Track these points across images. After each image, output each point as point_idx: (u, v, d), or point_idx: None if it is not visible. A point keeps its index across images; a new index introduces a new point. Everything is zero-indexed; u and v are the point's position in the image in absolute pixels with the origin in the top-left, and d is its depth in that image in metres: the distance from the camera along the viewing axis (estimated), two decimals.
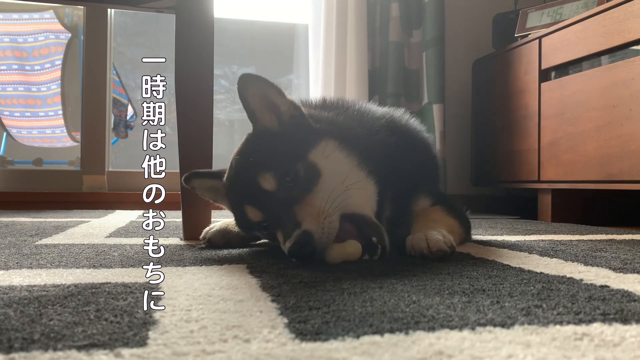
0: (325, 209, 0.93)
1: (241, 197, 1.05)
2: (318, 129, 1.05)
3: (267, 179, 0.98)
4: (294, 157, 0.99)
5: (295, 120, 1.05)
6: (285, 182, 0.97)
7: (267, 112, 1.05)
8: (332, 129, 1.07)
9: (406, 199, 1.20)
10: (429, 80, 2.83)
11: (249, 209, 1.03)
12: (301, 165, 0.98)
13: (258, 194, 0.99)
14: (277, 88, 1.04)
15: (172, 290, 0.75)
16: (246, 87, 1.02)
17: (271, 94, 1.04)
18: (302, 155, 1.00)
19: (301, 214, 0.93)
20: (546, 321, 0.60)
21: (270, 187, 0.98)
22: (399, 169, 1.14)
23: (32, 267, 0.94)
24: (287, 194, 0.96)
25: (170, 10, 1.57)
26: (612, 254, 1.15)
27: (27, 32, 2.95)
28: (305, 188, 0.97)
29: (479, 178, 2.95)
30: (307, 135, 1.03)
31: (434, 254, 1.02)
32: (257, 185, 0.98)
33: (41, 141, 3.14)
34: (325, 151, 1.02)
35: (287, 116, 1.05)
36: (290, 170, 0.97)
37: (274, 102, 1.04)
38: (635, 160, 1.88)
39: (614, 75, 1.98)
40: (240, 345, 0.51)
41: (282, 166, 0.98)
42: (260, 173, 0.98)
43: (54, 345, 0.50)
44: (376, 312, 0.63)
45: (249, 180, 1.00)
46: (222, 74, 3.83)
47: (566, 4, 2.47)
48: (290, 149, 1.01)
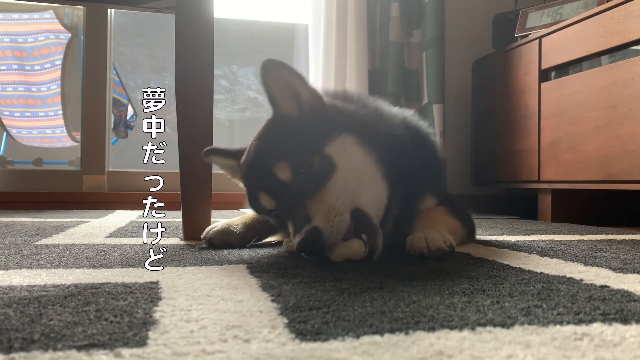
0: (337, 206, 0.93)
1: (256, 183, 1.06)
2: (338, 122, 1.05)
3: (282, 169, 0.98)
4: (311, 149, 0.99)
5: (315, 110, 1.04)
6: (300, 174, 0.97)
7: (288, 99, 1.05)
8: (352, 123, 1.06)
9: (414, 198, 1.20)
10: (429, 80, 2.83)
11: (263, 196, 1.04)
12: (317, 158, 0.98)
13: (272, 183, 1.00)
14: (300, 75, 1.04)
15: (172, 290, 0.75)
16: (268, 73, 1.02)
17: (293, 81, 1.03)
18: (319, 147, 1.00)
19: (312, 209, 0.93)
20: (546, 321, 0.60)
21: (285, 177, 0.98)
22: (410, 168, 1.14)
23: (32, 267, 0.94)
24: (300, 186, 0.97)
25: (170, 10, 1.57)
26: (612, 254, 1.15)
27: (27, 32, 2.95)
28: (319, 181, 0.97)
29: (479, 178, 2.95)
30: (326, 127, 1.03)
31: (433, 253, 1.02)
32: (272, 174, 0.99)
33: (41, 141, 3.14)
34: (343, 145, 1.01)
35: (307, 105, 1.04)
36: (306, 162, 0.97)
37: (296, 90, 1.04)
38: (635, 160, 1.88)
39: (614, 75, 1.98)
40: (240, 345, 0.51)
41: (298, 157, 0.98)
42: (276, 162, 0.99)
43: (54, 345, 0.50)
44: (376, 312, 0.63)
45: (265, 168, 1.00)
46: (222, 74, 3.83)
47: (566, 4, 2.47)
48: (308, 140, 1.01)
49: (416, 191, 1.20)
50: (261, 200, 1.05)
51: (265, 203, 1.04)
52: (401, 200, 1.12)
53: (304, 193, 0.96)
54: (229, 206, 2.81)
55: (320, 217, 0.92)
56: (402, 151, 1.12)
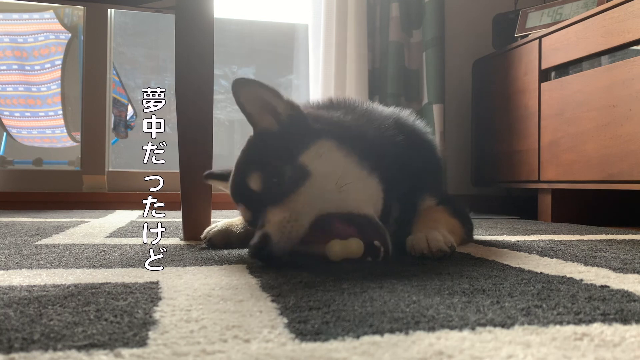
0: (297, 211, 0.93)
1: (237, 196, 1.08)
2: (316, 129, 1.05)
3: (254, 180, 1.00)
4: (284, 158, 1.00)
5: (293, 121, 1.05)
6: (272, 183, 0.98)
7: (265, 114, 1.06)
8: (331, 129, 1.07)
9: (412, 199, 1.20)
10: (429, 80, 2.83)
11: (241, 208, 1.07)
12: (289, 167, 0.98)
13: (248, 194, 1.02)
14: (272, 90, 1.04)
15: (172, 290, 0.75)
16: (240, 92, 1.03)
17: (267, 96, 1.04)
18: (293, 156, 1.00)
19: (269, 216, 0.94)
20: (546, 321, 0.60)
21: (256, 187, 1.00)
22: (406, 168, 1.14)
23: (32, 267, 0.94)
24: (270, 195, 0.97)
25: (170, 10, 1.57)
26: (612, 254, 1.15)
27: (27, 32, 2.95)
28: (290, 189, 0.97)
29: (479, 178, 2.95)
30: (303, 136, 1.03)
31: (434, 254, 1.03)
32: (247, 185, 1.01)
33: (41, 141, 3.13)
34: (319, 151, 1.01)
35: (285, 117, 1.05)
36: (277, 171, 0.98)
37: (271, 104, 1.04)
38: (635, 160, 1.88)
39: (614, 75, 1.98)
40: (240, 345, 0.51)
41: (270, 167, 0.99)
42: (249, 174, 1.01)
43: (54, 345, 0.50)
44: (376, 312, 0.63)
45: (242, 181, 1.03)
46: (222, 74, 3.83)
47: (566, 4, 2.47)
48: (282, 150, 1.02)
49: (414, 191, 1.20)
50: (241, 212, 1.09)
51: (244, 214, 1.08)
52: (400, 202, 1.12)
53: (271, 202, 0.96)
54: (229, 206, 2.80)
55: (273, 223, 0.92)
56: (394, 150, 1.12)
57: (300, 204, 0.95)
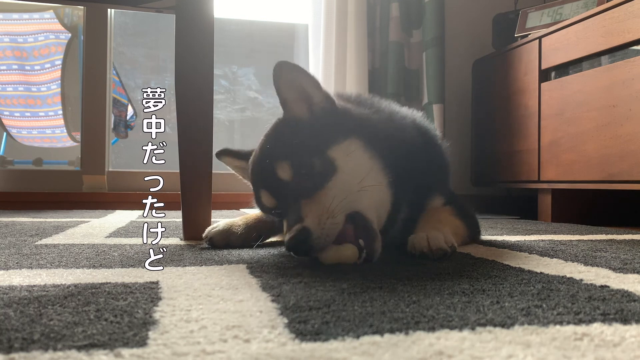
0: (331, 208, 0.93)
1: (259, 181, 1.07)
2: (347, 125, 1.05)
3: (283, 168, 0.99)
4: (314, 150, 1.00)
5: (326, 113, 1.05)
6: (300, 174, 0.98)
7: (300, 101, 1.06)
8: (361, 127, 1.07)
9: (422, 199, 1.21)
10: (429, 80, 2.83)
11: (264, 194, 1.05)
12: (319, 160, 0.98)
13: (273, 181, 1.01)
14: (313, 79, 1.05)
15: (172, 290, 0.75)
16: (281, 75, 1.03)
17: (306, 84, 1.04)
18: (322, 149, 1.00)
19: (306, 209, 0.93)
20: (546, 321, 0.60)
21: (285, 177, 0.99)
22: (419, 170, 1.15)
23: (32, 267, 0.94)
24: (299, 186, 0.97)
25: (170, 10, 1.57)
26: (612, 254, 1.15)
27: (27, 32, 2.95)
28: (318, 183, 0.97)
29: (479, 178, 2.95)
30: (334, 130, 1.03)
31: (435, 253, 1.03)
32: (274, 172, 1.00)
33: (41, 141, 3.14)
34: (348, 149, 1.01)
35: (318, 108, 1.05)
36: (307, 163, 0.98)
37: (308, 93, 1.05)
38: (635, 160, 1.88)
39: (614, 75, 1.98)
40: (240, 345, 0.51)
41: (300, 157, 0.99)
42: (278, 161, 1.00)
43: (54, 345, 0.50)
44: (376, 312, 0.63)
45: (268, 166, 1.02)
46: (222, 74, 3.83)
47: (566, 4, 2.47)
48: (312, 142, 1.01)
49: (424, 192, 1.21)
50: (263, 198, 1.06)
51: (266, 201, 1.06)
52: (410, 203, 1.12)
53: (301, 193, 0.96)
54: (229, 206, 2.81)
55: (312, 217, 0.92)
56: (412, 154, 1.13)
57: (331, 200, 0.95)
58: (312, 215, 0.92)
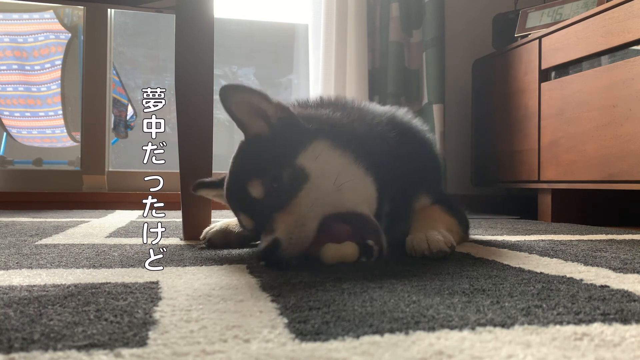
0: (300, 217, 0.93)
1: (235, 204, 1.07)
2: (309, 130, 1.04)
3: (254, 186, 0.98)
4: (281, 162, 0.99)
5: (284, 123, 1.04)
6: (272, 188, 0.97)
7: (255, 118, 1.04)
8: (324, 128, 1.06)
9: (407, 196, 1.19)
10: (429, 80, 2.83)
11: (242, 216, 1.05)
12: (288, 170, 0.97)
13: (248, 202, 1.00)
14: (260, 93, 1.03)
15: (172, 290, 0.75)
16: (227, 98, 1.01)
17: (255, 100, 1.02)
18: (290, 159, 0.99)
19: (277, 221, 0.92)
20: (546, 321, 0.60)
21: (258, 195, 0.98)
22: (399, 165, 1.13)
23: (32, 267, 0.94)
24: (273, 201, 0.96)
25: (170, 10, 1.57)
26: (612, 254, 1.15)
27: (27, 32, 2.95)
28: (291, 194, 0.96)
29: (479, 178, 2.95)
30: (297, 138, 1.02)
31: (435, 254, 1.03)
32: (247, 193, 0.99)
33: (41, 141, 3.13)
34: (315, 152, 1.00)
35: (275, 119, 1.04)
36: (277, 176, 0.97)
37: (260, 108, 1.03)
38: (635, 160, 1.88)
39: (614, 75, 1.98)
40: (240, 345, 0.51)
41: (269, 172, 0.98)
42: (248, 180, 0.99)
43: (54, 345, 0.50)
44: (376, 312, 0.63)
45: (240, 188, 1.01)
46: (222, 74, 3.83)
47: (566, 4, 2.47)
48: (278, 154, 1.01)
49: (409, 189, 1.19)
50: (242, 220, 1.06)
51: (245, 222, 1.05)
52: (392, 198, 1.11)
53: (275, 207, 0.95)
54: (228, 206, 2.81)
55: (283, 228, 0.91)
56: (386, 147, 1.11)
57: (304, 207, 0.94)
58: (282, 226, 0.91)
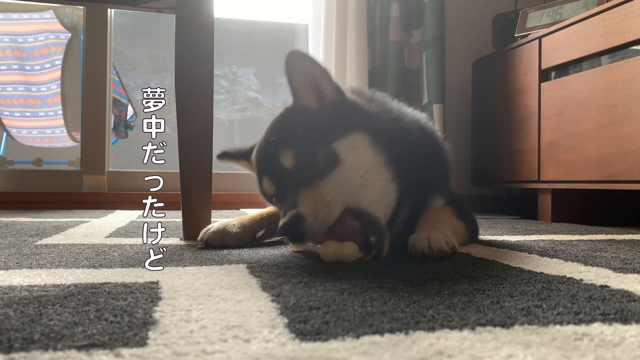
0: (327, 198, 0.95)
1: (262, 168, 1.09)
2: (355, 120, 1.06)
3: (286, 156, 1.01)
4: (319, 141, 1.01)
5: (335, 106, 1.06)
6: (303, 163, 0.99)
7: (310, 91, 1.06)
8: (369, 123, 1.07)
9: (423, 199, 1.21)
10: (429, 80, 2.83)
11: (266, 181, 1.07)
12: (323, 151, 1.00)
13: (276, 168, 1.03)
14: (324, 70, 1.05)
15: (172, 290, 0.75)
16: (292, 63, 1.03)
17: (317, 74, 1.05)
18: (328, 141, 1.01)
19: (302, 197, 0.95)
20: (546, 321, 0.60)
21: (288, 165, 1.01)
22: (422, 169, 1.16)
23: (32, 267, 0.94)
24: (300, 175, 0.99)
25: (170, 10, 1.57)
26: (612, 254, 1.15)
27: (27, 32, 2.95)
28: (319, 174, 0.98)
29: (479, 178, 2.95)
30: (341, 123, 1.04)
31: (435, 253, 1.03)
32: (277, 160, 1.02)
33: (41, 141, 3.14)
34: (353, 143, 1.02)
35: (328, 100, 1.06)
36: (310, 153, 0.99)
37: (319, 83, 1.05)
38: (635, 160, 1.88)
39: (614, 75, 1.98)
40: (240, 345, 0.51)
41: (304, 147, 1.00)
42: (282, 149, 1.01)
43: (54, 345, 0.50)
44: (376, 312, 0.63)
45: (272, 154, 1.03)
46: (222, 74, 3.83)
47: (566, 4, 2.47)
48: (318, 133, 1.02)
49: (426, 192, 1.22)
50: (264, 184, 1.08)
51: (267, 187, 1.07)
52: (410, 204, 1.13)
53: (301, 181, 0.98)
54: (228, 206, 2.81)
55: (307, 204, 0.93)
56: (416, 154, 1.14)
57: (330, 191, 0.96)
58: (307, 202, 0.94)
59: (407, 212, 1.13)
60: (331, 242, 0.96)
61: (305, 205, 0.93)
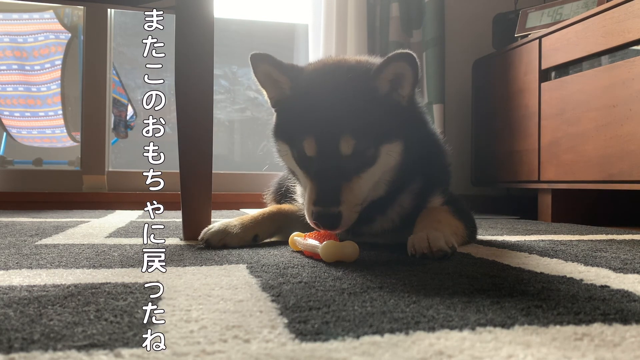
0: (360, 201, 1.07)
1: (311, 127, 1.08)
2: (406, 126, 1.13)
3: (347, 143, 1.04)
4: (376, 140, 1.07)
5: (404, 106, 1.12)
6: (355, 156, 1.05)
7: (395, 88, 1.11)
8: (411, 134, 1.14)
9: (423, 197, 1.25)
10: (429, 80, 2.83)
11: (310, 143, 1.07)
12: (372, 150, 1.07)
13: (330, 145, 1.05)
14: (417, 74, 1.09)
15: (172, 290, 0.75)
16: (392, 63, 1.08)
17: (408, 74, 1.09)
18: (380, 141, 1.08)
19: (344, 196, 1.04)
20: (546, 321, 0.60)
21: (343, 151, 1.05)
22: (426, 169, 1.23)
23: (32, 267, 0.94)
24: (345, 164, 1.05)
25: (170, 10, 1.57)
26: (612, 254, 1.15)
27: (27, 32, 2.95)
28: (359, 169, 1.06)
29: (479, 178, 2.95)
30: (397, 125, 1.11)
31: (435, 253, 1.03)
32: (336, 140, 1.05)
33: (41, 141, 3.13)
34: (391, 149, 1.10)
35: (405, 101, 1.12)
36: (364, 151, 1.06)
37: (402, 84, 1.10)
38: (635, 160, 1.88)
39: (614, 75, 1.98)
40: (240, 345, 0.51)
41: (365, 143, 1.06)
42: (345, 134, 1.04)
43: (54, 345, 0.50)
44: (376, 312, 0.63)
45: (333, 130, 1.06)
46: (222, 74, 3.83)
47: (566, 4, 2.47)
48: (380, 130, 1.09)
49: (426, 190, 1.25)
50: (306, 145, 1.08)
51: (308, 149, 1.08)
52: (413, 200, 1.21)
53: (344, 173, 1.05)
54: (228, 206, 2.81)
55: (347, 206, 1.04)
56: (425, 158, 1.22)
57: (363, 190, 1.08)
58: (348, 204, 1.04)
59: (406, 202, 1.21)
60: (331, 242, 0.96)
61: (345, 207, 1.03)
